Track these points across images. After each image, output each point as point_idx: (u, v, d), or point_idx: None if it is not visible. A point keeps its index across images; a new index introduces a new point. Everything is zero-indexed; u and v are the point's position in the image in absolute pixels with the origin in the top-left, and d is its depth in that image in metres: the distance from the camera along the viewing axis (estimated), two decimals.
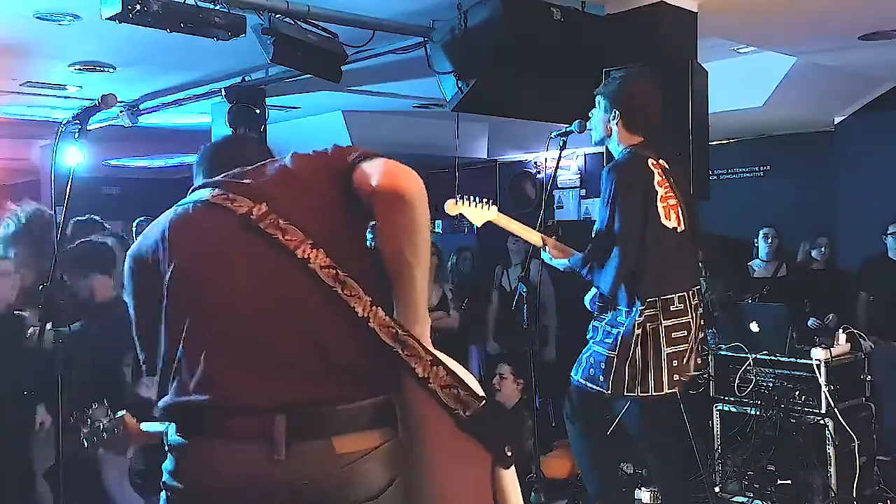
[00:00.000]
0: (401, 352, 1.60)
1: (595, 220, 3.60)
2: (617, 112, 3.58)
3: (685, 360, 3.51)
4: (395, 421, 1.69)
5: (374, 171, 1.73)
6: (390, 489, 1.63)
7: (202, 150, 2.19)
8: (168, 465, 1.70)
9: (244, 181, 1.83)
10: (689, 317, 3.51)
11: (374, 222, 1.75)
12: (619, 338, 3.46)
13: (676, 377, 3.46)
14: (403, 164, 1.74)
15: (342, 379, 1.63)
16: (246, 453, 1.58)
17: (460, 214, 3.56)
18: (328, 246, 1.68)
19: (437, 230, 8.92)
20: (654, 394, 3.45)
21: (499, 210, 3.63)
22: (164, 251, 1.78)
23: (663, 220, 3.49)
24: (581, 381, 3.59)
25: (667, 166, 3.58)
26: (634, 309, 3.45)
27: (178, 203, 1.91)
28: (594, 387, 3.53)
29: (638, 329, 3.43)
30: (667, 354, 3.45)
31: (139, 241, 1.89)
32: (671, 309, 3.47)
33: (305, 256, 1.66)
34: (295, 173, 1.82)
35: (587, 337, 3.65)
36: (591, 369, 3.55)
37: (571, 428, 3.77)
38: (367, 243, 1.80)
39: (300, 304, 1.66)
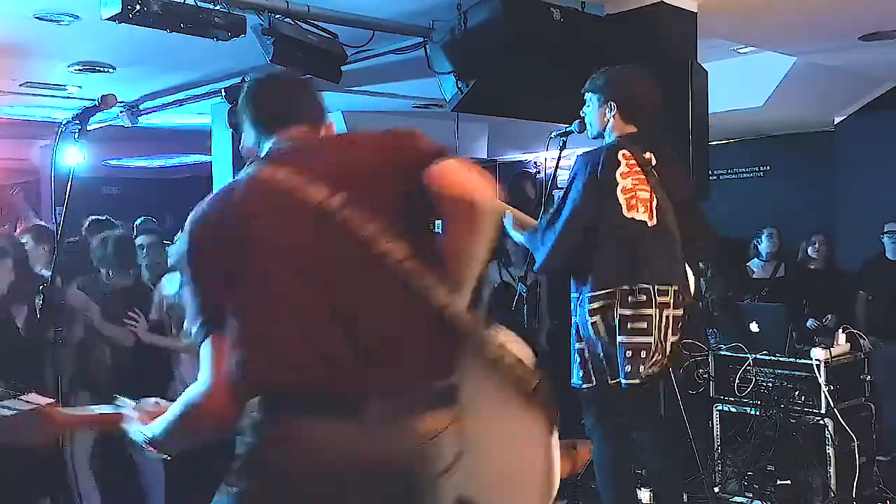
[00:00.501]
0: (475, 337, 1.77)
1: None
2: (613, 103, 3.57)
3: (644, 354, 3.41)
4: (457, 400, 1.81)
5: (450, 175, 1.81)
6: (458, 463, 1.77)
7: (252, 91, 2.07)
8: (253, 443, 1.73)
9: (317, 160, 1.87)
10: (652, 311, 3.41)
11: (441, 219, 1.84)
12: (578, 328, 3.49)
13: (629, 368, 3.40)
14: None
15: (422, 364, 1.76)
16: (339, 431, 1.68)
17: None
18: (404, 238, 1.75)
19: (437, 230, 8.92)
20: (611, 382, 3.45)
21: None
22: (243, 228, 1.80)
23: (624, 212, 3.43)
24: (575, 382, 3.60)
25: (651, 160, 3.51)
26: (583, 297, 3.45)
27: (249, 173, 1.90)
28: (582, 384, 3.54)
29: (592, 317, 3.42)
30: (620, 344, 3.41)
31: (206, 214, 1.86)
32: (629, 300, 3.40)
33: (384, 250, 1.73)
34: (367, 160, 1.87)
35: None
36: (575, 366, 3.56)
37: (592, 437, 3.76)
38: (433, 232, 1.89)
39: (383, 293, 1.75)
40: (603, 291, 3.42)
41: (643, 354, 3.41)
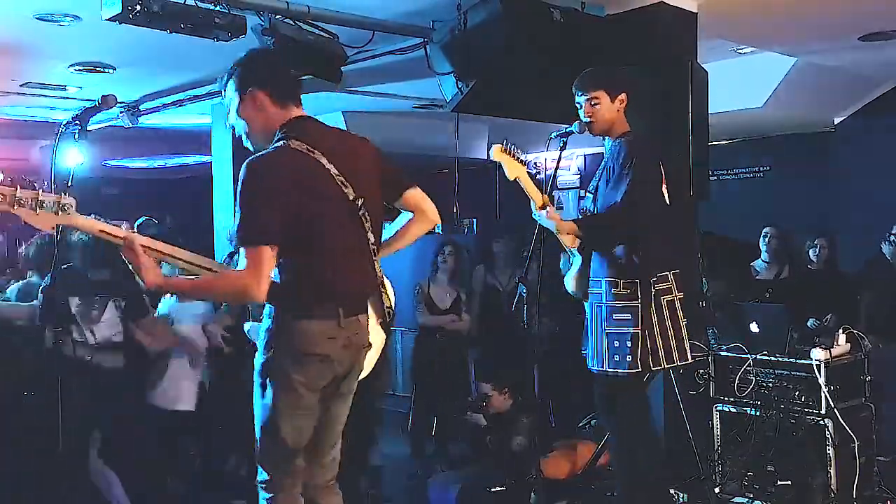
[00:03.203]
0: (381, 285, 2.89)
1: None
2: (625, 94, 3.73)
3: (628, 343, 3.60)
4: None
5: (424, 201, 2.96)
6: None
7: (275, 58, 2.98)
8: (272, 328, 2.68)
9: (346, 159, 2.71)
10: (637, 303, 3.59)
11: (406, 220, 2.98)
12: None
13: (617, 358, 3.61)
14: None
15: (366, 286, 2.82)
16: (326, 325, 2.67)
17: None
18: (376, 231, 2.80)
19: (437, 230, 8.93)
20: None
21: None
22: (303, 185, 2.61)
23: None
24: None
25: None
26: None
27: (295, 145, 2.64)
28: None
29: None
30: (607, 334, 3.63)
31: (266, 159, 2.61)
32: (613, 291, 3.64)
33: (370, 236, 2.76)
34: (371, 170, 2.81)
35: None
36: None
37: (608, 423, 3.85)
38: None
39: (367, 252, 2.78)
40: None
41: (629, 343, 3.66)
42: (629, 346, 3.56)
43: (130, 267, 2.58)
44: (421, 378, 6.33)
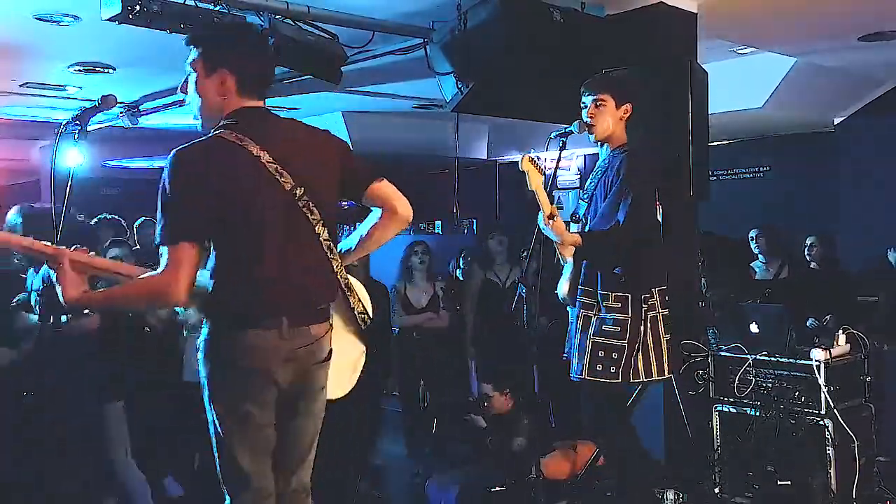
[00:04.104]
0: (345, 288, 2.63)
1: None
2: (630, 105, 3.73)
3: (613, 354, 3.64)
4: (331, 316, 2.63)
5: (394, 195, 2.65)
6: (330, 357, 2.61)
7: (251, 40, 2.66)
8: (208, 341, 2.45)
9: (286, 146, 2.46)
10: (627, 316, 3.64)
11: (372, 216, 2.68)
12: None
13: (600, 368, 3.66)
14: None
15: (317, 294, 2.55)
16: (266, 336, 2.43)
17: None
18: (329, 225, 2.53)
19: (437, 231, 8.93)
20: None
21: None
22: (226, 177, 2.38)
23: None
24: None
25: None
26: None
27: (225, 134, 2.44)
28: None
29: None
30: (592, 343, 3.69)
31: (191, 153, 2.43)
32: (604, 304, 3.69)
33: (318, 231, 2.49)
34: (325, 160, 2.56)
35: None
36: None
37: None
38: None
39: (315, 250, 2.50)
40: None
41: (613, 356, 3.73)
42: (615, 357, 3.61)
43: (55, 281, 2.46)
44: (407, 379, 6.37)
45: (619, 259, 3.64)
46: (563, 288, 3.88)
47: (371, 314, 2.72)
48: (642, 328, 3.63)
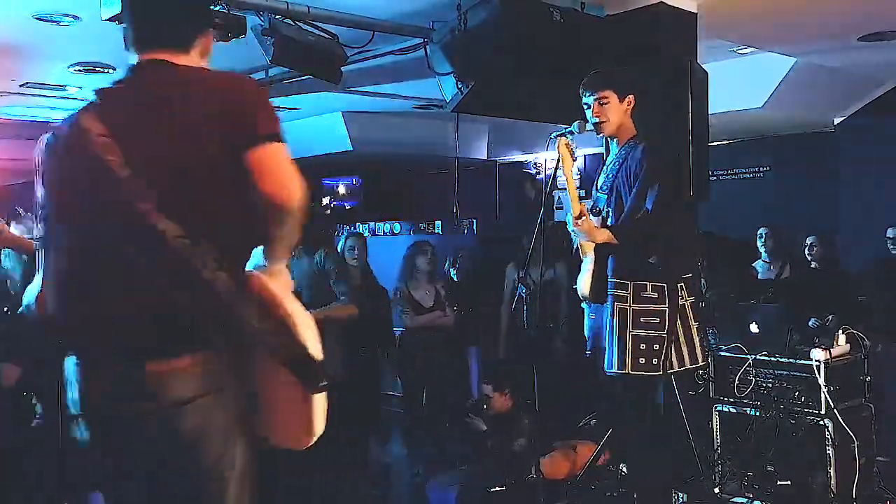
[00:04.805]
0: (238, 306, 1.87)
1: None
2: (632, 96, 3.75)
3: (655, 346, 3.64)
4: (202, 348, 1.96)
5: (272, 168, 1.82)
6: (212, 394, 1.91)
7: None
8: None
9: (137, 109, 1.90)
10: (665, 307, 3.65)
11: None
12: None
13: (642, 361, 3.65)
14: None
15: (148, 325, 1.90)
16: (92, 373, 1.94)
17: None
18: (182, 216, 1.81)
19: (436, 231, 8.92)
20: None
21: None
22: (50, 163, 2.00)
23: None
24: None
25: None
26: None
27: (79, 113, 1.97)
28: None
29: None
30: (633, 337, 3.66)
31: (52, 138, 2.00)
32: (642, 295, 3.66)
33: (162, 227, 1.80)
34: (192, 121, 1.86)
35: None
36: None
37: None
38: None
39: (160, 257, 1.83)
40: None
41: (655, 347, 3.72)
42: (656, 349, 3.62)
43: None
44: (409, 380, 6.36)
45: (653, 248, 3.65)
46: (583, 285, 3.85)
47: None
48: (679, 317, 3.66)
